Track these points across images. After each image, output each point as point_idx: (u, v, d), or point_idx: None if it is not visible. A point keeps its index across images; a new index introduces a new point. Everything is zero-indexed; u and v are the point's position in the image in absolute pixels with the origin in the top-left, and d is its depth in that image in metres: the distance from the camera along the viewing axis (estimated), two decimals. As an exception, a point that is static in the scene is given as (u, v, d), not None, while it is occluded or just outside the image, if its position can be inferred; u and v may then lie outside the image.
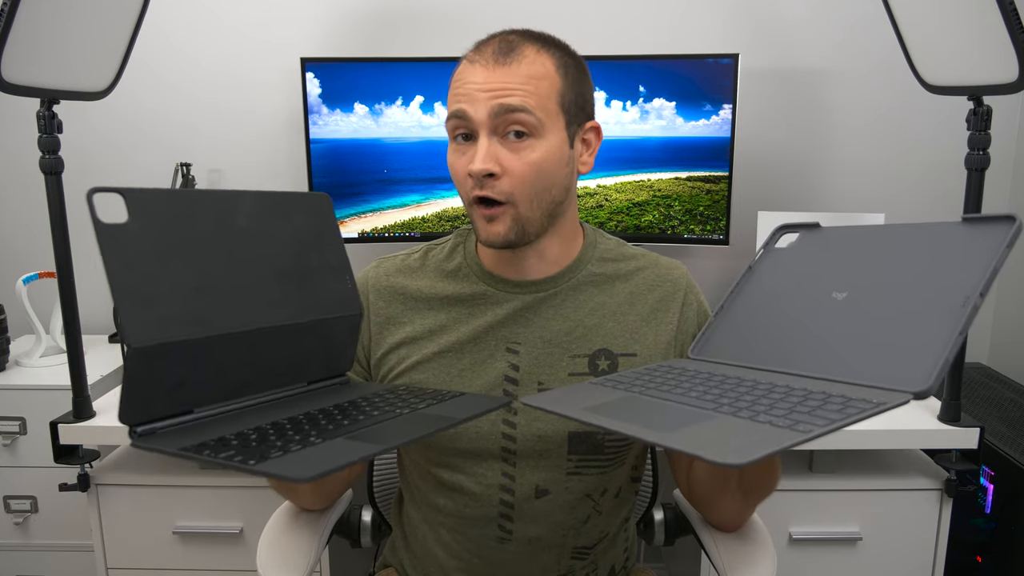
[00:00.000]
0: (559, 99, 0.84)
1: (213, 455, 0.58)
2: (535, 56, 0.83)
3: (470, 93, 0.82)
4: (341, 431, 0.64)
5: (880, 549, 1.40)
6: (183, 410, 0.67)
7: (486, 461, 0.90)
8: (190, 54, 1.84)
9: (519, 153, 0.82)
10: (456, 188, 0.88)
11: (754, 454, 0.51)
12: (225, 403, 0.70)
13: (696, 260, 1.90)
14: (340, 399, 0.75)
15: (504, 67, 0.81)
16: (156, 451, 0.61)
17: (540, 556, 0.93)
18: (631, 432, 0.60)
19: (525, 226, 0.85)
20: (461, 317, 0.92)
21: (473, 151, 0.82)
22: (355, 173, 1.72)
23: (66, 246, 1.24)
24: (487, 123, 0.81)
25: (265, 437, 0.62)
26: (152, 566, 1.46)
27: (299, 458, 0.57)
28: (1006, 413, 1.61)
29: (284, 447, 0.59)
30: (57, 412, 1.35)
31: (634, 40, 1.81)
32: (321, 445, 0.60)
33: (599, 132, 0.91)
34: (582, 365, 0.90)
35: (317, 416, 0.69)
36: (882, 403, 0.59)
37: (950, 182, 1.80)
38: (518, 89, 0.81)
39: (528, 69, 0.82)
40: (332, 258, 0.79)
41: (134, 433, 0.63)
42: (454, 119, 0.84)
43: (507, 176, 0.82)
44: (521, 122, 0.81)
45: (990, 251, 0.63)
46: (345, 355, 0.82)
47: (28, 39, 1.12)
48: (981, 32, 1.13)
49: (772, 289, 0.81)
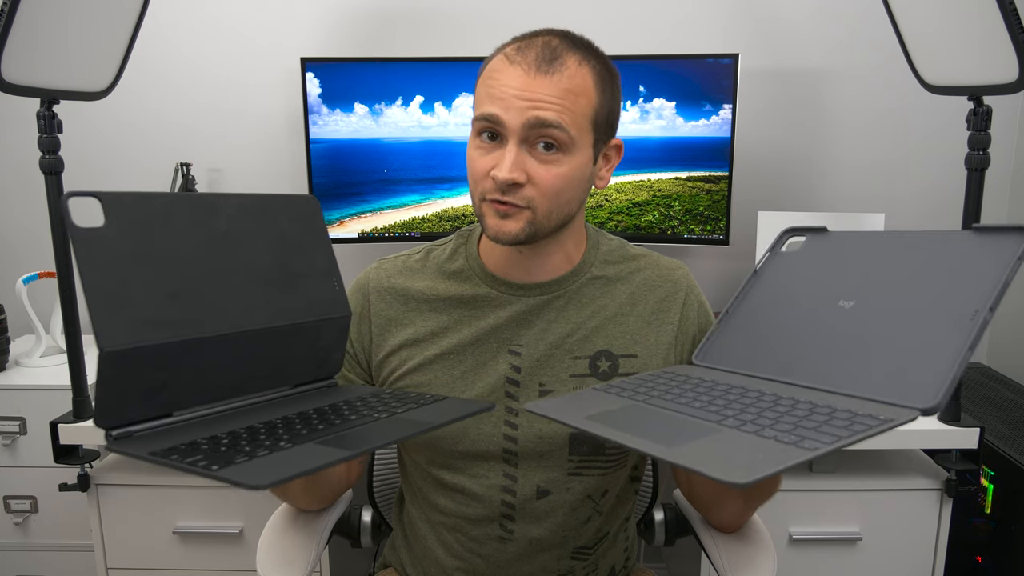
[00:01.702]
0: (593, 116, 0.83)
1: (180, 460, 0.57)
2: (576, 69, 0.81)
3: (506, 98, 0.79)
4: (314, 436, 0.63)
5: (880, 549, 1.40)
6: (162, 413, 0.66)
7: (488, 462, 0.90)
8: (190, 54, 1.84)
9: (546, 165, 0.81)
10: (468, 181, 0.87)
11: (759, 472, 0.50)
12: (206, 406, 0.70)
13: (696, 260, 1.90)
14: (322, 402, 0.74)
15: (545, 76, 0.79)
16: (127, 455, 0.61)
17: (540, 556, 0.93)
18: (634, 445, 0.59)
19: (537, 232, 0.84)
20: (463, 319, 0.92)
21: (499, 154, 0.81)
22: (355, 173, 1.72)
23: (66, 246, 1.24)
24: (519, 132, 0.79)
25: (236, 442, 0.62)
26: (152, 566, 1.46)
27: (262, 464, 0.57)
28: (1006, 413, 1.61)
29: (252, 452, 0.59)
30: (57, 412, 1.34)
31: (634, 40, 1.81)
32: (290, 450, 0.60)
33: (620, 149, 0.91)
34: (583, 366, 0.90)
35: (294, 420, 0.68)
36: (889, 420, 0.58)
37: (950, 182, 1.80)
38: (556, 103, 0.79)
39: (568, 83, 0.80)
40: (319, 260, 0.79)
41: (109, 436, 0.63)
42: (484, 120, 0.82)
43: (531, 185, 0.81)
44: (553, 137, 0.80)
45: (1001, 264, 0.61)
46: (333, 358, 0.81)
47: (28, 39, 1.12)
48: (981, 32, 1.13)
49: (778, 295, 0.81)
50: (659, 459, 0.57)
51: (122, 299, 0.62)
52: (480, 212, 0.85)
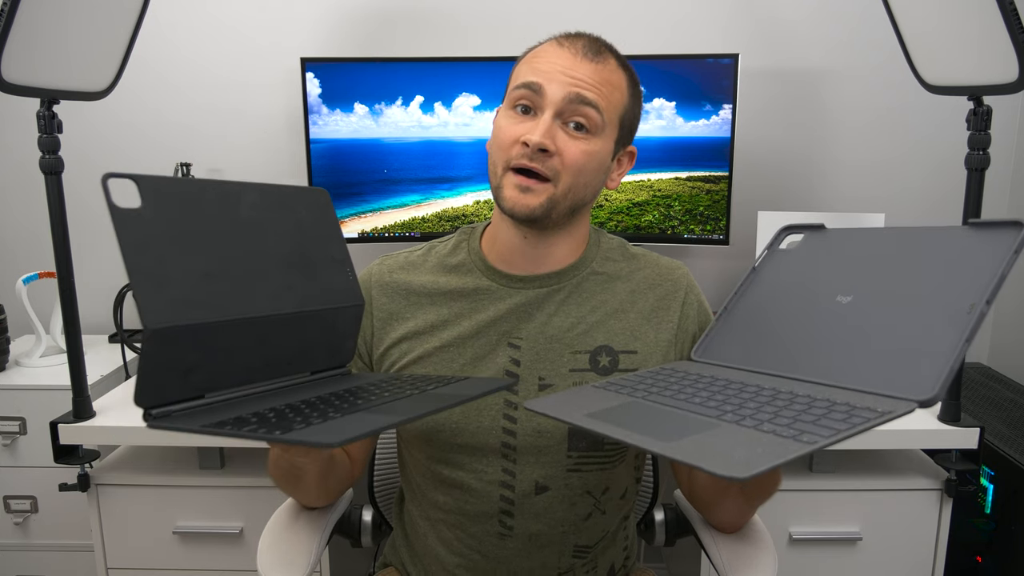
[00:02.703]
0: (622, 113, 0.88)
1: (236, 430, 0.58)
2: (616, 68, 0.87)
3: (552, 72, 0.84)
4: (357, 408, 0.64)
5: (880, 549, 1.40)
6: (195, 395, 0.67)
7: (486, 457, 0.90)
8: (190, 54, 1.84)
9: (575, 141, 0.85)
10: (492, 152, 0.89)
11: (758, 467, 0.50)
12: (235, 389, 0.70)
13: (696, 260, 1.90)
14: (346, 386, 0.75)
15: (591, 63, 0.85)
16: (176, 430, 0.61)
17: (540, 553, 0.93)
18: (633, 441, 0.59)
19: (553, 209, 0.86)
20: (463, 312, 0.93)
21: (531, 124, 0.84)
22: (355, 173, 1.72)
23: (66, 246, 1.24)
24: (558, 104, 0.83)
25: (283, 415, 0.63)
26: (152, 566, 1.46)
27: (323, 429, 0.58)
28: (1006, 413, 1.61)
29: (306, 421, 0.60)
30: (57, 412, 1.34)
31: (634, 40, 1.81)
32: (341, 419, 0.61)
33: (633, 157, 0.96)
34: (583, 361, 0.91)
35: (329, 398, 0.69)
36: (887, 412, 0.58)
37: (950, 182, 1.80)
38: (597, 87, 0.84)
39: (610, 75, 0.86)
40: (334, 250, 0.80)
41: (149, 415, 0.63)
42: (525, 88, 0.85)
43: (559, 156, 0.84)
44: (588, 116, 0.84)
45: (997, 258, 0.62)
46: (347, 346, 0.83)
47: (28, 39, 1.12)
48: (981, 32, 1.13)
49: (776, 291, 0.81)
50: (659, 455, 0.57)
51: (162, 279, 0.63)
52: (499, 184, 0.87)
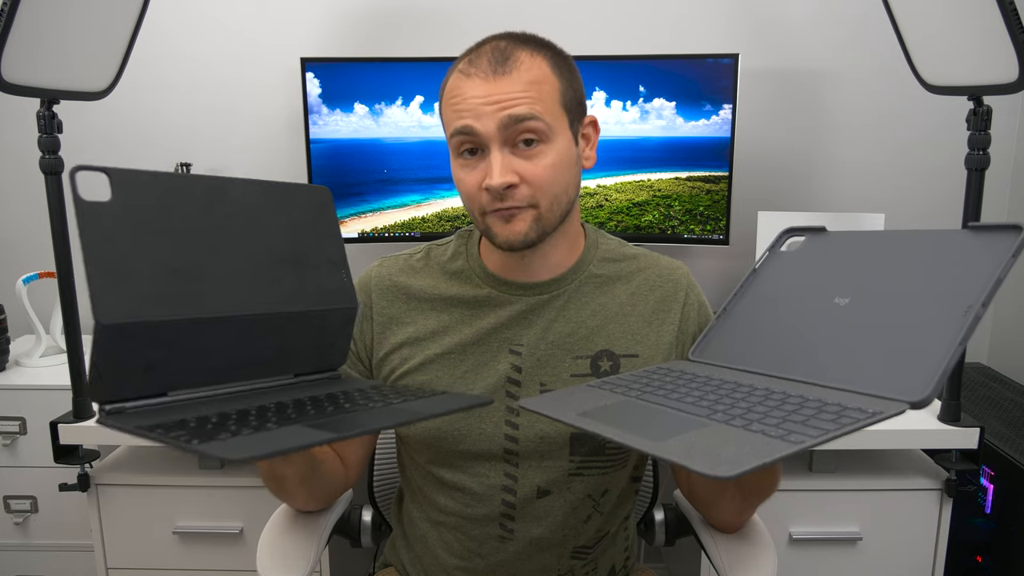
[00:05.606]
0: (561, 99, 0.84)
1: (163, 434, 0.57)
2: (530, 61, 0.82)
3: (474, 108, 0.80)
4: (302, 419, 0.62)
5: (880, 549, 1.40)
6: (157, 392, 0.66)
7: (488, 462, 0.90)
8: (190, 54, 1.84)
9: (533, 160, 0.82)
10: (465, 202, 0.87)
11: (744, 466, 0.51)
12: (203, 388, 0.69)
13: (696, 260, 1.90)
14: (321, 391, 0.73)
15: (504, 76, 0.80)
16: (113, 428, 0.60)
17: (541, 555, 0.93)
18: (623, 440, 0.59)
19: (545, 227, 0.85)
20: (464, 319, 0.92)
21: (484, 165, 0.81)
22: (355, 173, 1.72)
23: (66, 246, 1.24)
24: (497, 136, 0.80)
25: (224, 421, 0.61)
26: (152, 566, 1.46)
27: (243, 441, 0.56)
28: (1006, 413, 1.61)
29: (236, 431, 0.58)
30: (57, 412, 1.34)
31: (634, 40, 1.81)
32: (275, 431, 0.59)
33: (596, 125, 0.91)
34: (584, 366, 0.90)
35: (288, 405, 0.67)
36: (878, 412, 0.58)
37: (950, 182, 1.80)
38: (523, 97, 0.80)
39: (527, 75, 0.81)
40: (329, 250, 0.78)
41: (103, 411, 0.62)
42: (460, 135, 0.82)
43: (525, 184, 0.82)
44: (531, 129, 0.80)
45: (995, 260, 0.62)
46: (336, 349, 0.80)
47: (28, 39, 1.12)
48: (981, 32, 1.13)
49: (775, 293, 0.81)
50: (646, 454, 0.57)
51: (122, 274, 0.61)
52: (485, 226, 0.85)
